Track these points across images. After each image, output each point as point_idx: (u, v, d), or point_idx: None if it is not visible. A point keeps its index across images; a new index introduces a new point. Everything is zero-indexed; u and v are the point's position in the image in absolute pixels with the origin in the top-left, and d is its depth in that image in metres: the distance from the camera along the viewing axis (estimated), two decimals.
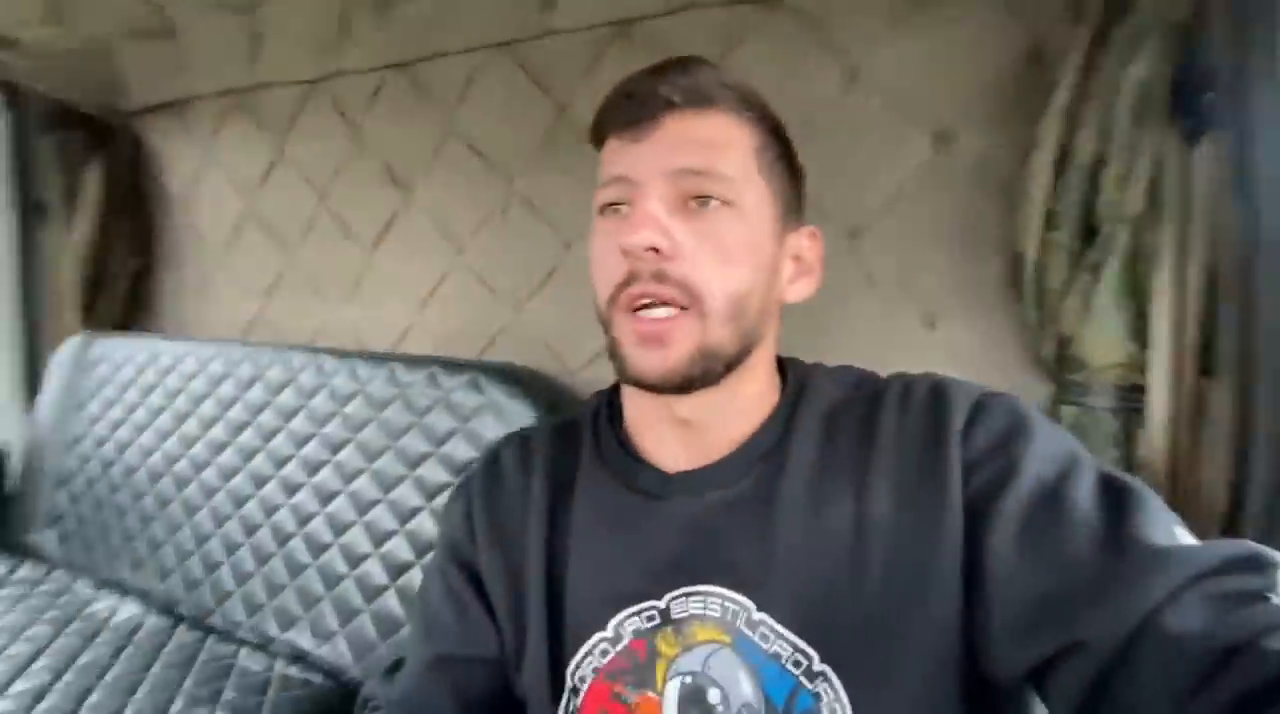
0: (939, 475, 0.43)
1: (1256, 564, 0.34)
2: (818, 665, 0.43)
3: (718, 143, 0.46)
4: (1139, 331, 0.67)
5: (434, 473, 0.93)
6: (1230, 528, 0.60)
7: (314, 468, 1.03)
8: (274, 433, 1.08)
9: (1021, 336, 0.78)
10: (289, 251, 1.34)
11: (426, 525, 0.93)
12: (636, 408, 0.53)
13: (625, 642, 0.48)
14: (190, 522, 1.13)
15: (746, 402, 0.50)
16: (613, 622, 0.48)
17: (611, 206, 0.47)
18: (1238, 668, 0.30)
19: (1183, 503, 0.65)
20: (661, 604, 0.47)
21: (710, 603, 0.46)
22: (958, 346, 0.83)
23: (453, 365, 0.97)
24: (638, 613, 0.48)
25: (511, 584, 0.53)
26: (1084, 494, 0.39)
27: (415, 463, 0.95)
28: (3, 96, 1.41)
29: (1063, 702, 0.37)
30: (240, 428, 1.12)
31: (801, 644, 0.44)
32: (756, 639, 0.45)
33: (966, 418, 0.45)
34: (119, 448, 1.25)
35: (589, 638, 0.49)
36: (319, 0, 1.06)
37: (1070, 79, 0.66)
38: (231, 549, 1.07)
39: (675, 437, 0.50)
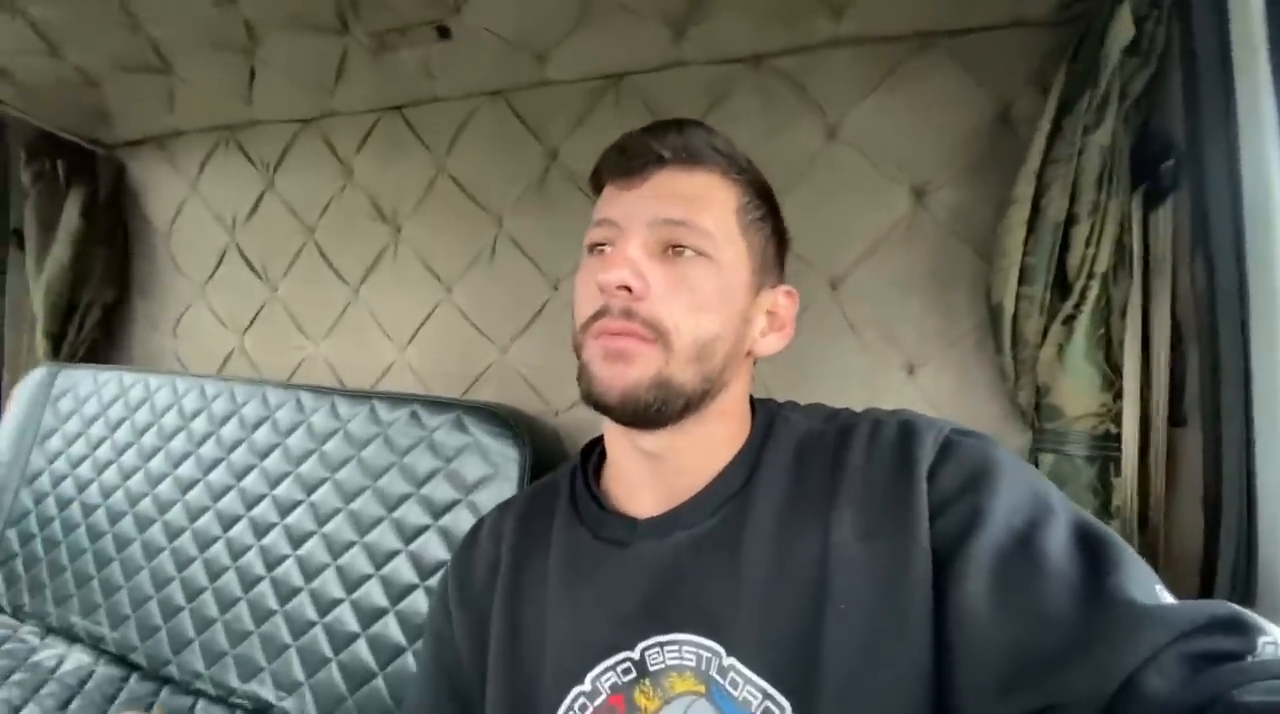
0: (905, 513, 0.43)
1: (1237, 626, 0.34)
2: None
3: (700, 199, 0.48)
4: (1112, 382, 0.69)
5: (413, 515, 0.91)
6: (1207, 576, 0.62)
7: (287, 508, 1.00)
8: (246, 471, 1.05)
9: (1000, 385, 0.80)
10: (271, 286, 1.33)
11: (403, 569, 0.90)
12: (611, 445, 0.54)
13: (604, 697, 0.47)
14: (150, 564, 1.08)
15: (714, 443, 0.51)
16: (590, 675, 0.48)
17: (597, 246, 0.50)
18: None
19: (1158, 551, 0.67)
20: (635, 654, 0.47)
21: (685, 652, 0.46)
22: (938, 393, 0.85)
23: (436, 404, 0.96)
24: (613, 666, 0.47)
25: (479, 649, 0.54)
26: (1057, 544, 0.39)
27: (394, 504, 0.93)
28: None
29: None
30: (211, 466, 1.08)
31: (771, 691, 0.42)
32: (728, 686, 0.44)
33: (934, 457, 0.44)
34: (79, 486, 1.20)
35: (568, 693, 0.48)
36: (317, 43, 1.08)
37: (1039, 143, 0.70)
38: (193, 594, 1.02)
39: (646, 476, 0.51)
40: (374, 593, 0.91)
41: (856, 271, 0.90)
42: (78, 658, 1.06)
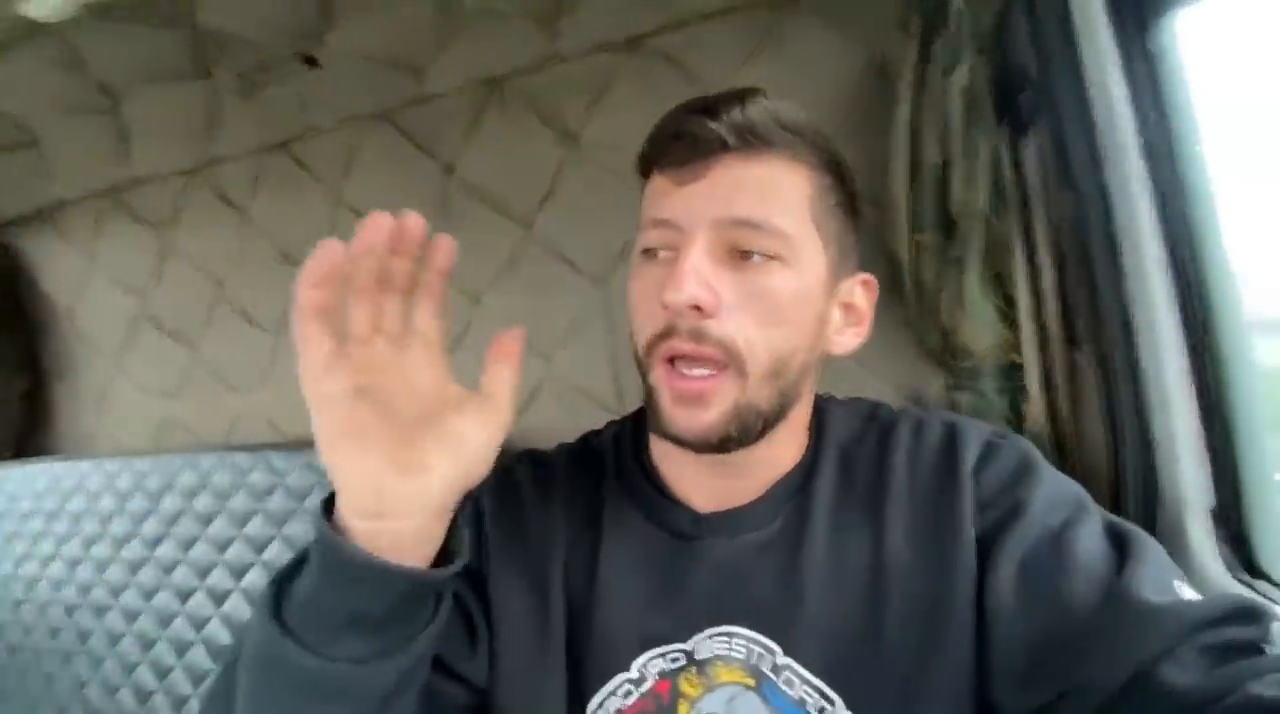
0: (953, 513, 0.44)
1: (1251, 616, 0.35)
2: (841, 712, 0.43)
3: (771, 191, 0.43)
4: (1007, 315, 0.71)
5: None
6: (1115, 488, 0.64)
7: (240, 571, 0.98)
8: (192, 541, 1.02)
9: (911, 332, 0.81)
10: (192, 347, 1.28)
11: None
12: (668, 451, 0.50)
13: (649, 683, 0.46)
14: (114, 651, 1.05)
15: (783, 450, 0.49)
16: (637, 663, 0.46)
17: (653, 251, 0.45)
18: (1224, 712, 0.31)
19: (1072, 469, 0.69)
20: (688, 646, 0.46)
21: (735, 644, 0.45)
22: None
23: None
24: (663, 654, 0.46)
25: (532, 609, 0.48)
26: (1088, 542, 0.40)
27: None
28: None
29: None
30: (156, 542, 1.05)
31: (827, 690, 0.43)
32: (781, 684, 0.44)
33: (978, 458, 0.46)
34: (27, 586, 1.16)
35: (612, 677, 0.46)
36: (181, 92, 1.03)
37: (906, 92, 0.71)
38: (162, 674, 1.01)
39: (709, 479, 0.49)
40: None
41: None
42: None
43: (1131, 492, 0.62)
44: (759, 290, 0.42)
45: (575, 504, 0.52)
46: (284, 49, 0.95)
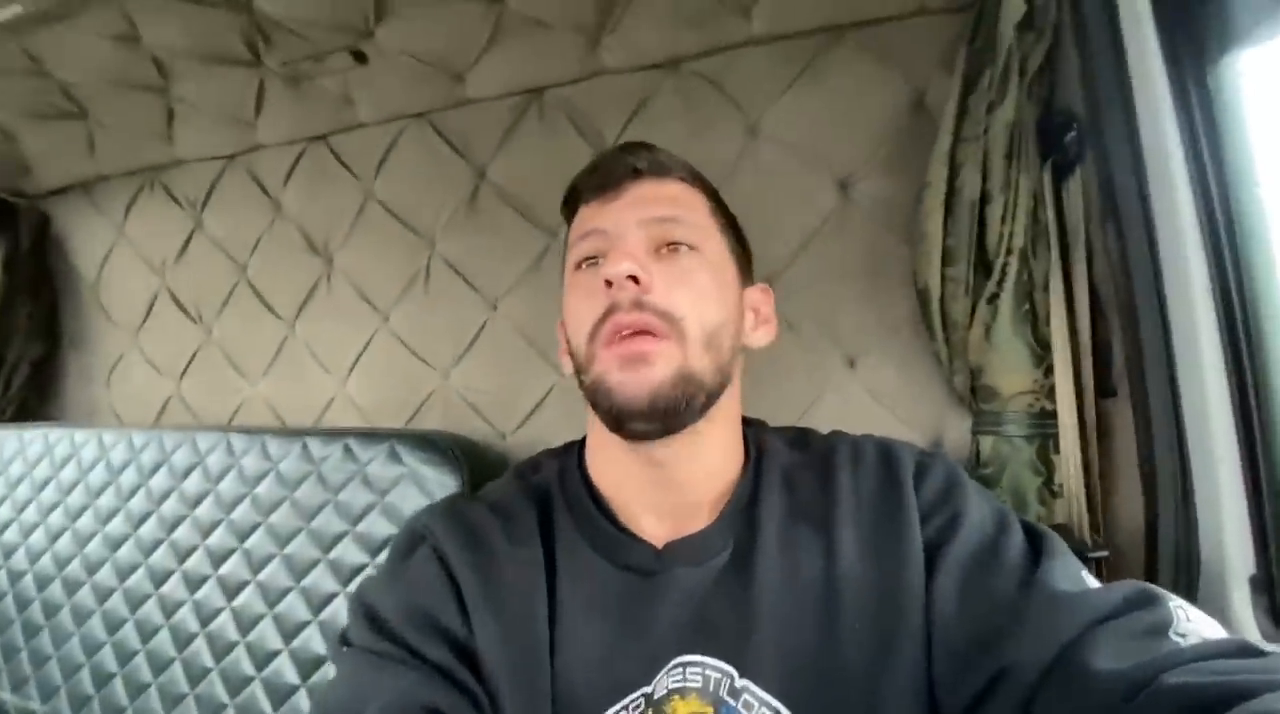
0: (899, 521, 0.46)
1: (1150, 600, 0.39)
2: None
3: (680, 198, 0.52)
4: (1041, 358, 0.68)
5: (350, 554, 0.87)
6: (1151, 544, 0.60)
7: (220, 558, 0.95)
8: (177, 522, 0.99)
9: (937, 371, 0.78)
10: (205, 328, 1.28)
11: (342, 614, 0.85)
12: (610, 467, 0.52)
13: None
14: (80, 630, 1.01)
15: (720, 454, 0.51)
16: None
17: (588, 260, 0.51)
18: (1142, 702, 0.33)
19: (1102, 524, 0.65)
20: (650, 688, 0.45)
21: (690, 673, 0.45)
22: (879, 385, 0.84)
23: (369, 436, 0.92)
24: (627, 705, 0.45)
25: (520, 662, 0.45)
26: (1015, 547, 0.44)
27: (330, 545, 0.88)
28: None
29: None
30: (140, 520, 1.02)
31: (784, 710, 0.43)
32: (740, 708, 0.44)
33: (914, 471, 0.49)
34: (5, 552, 1.13)
35: None
36: (231, 76, 1.06)
37: (948, 125, 0.70)
38: (125, 659, 0.96)
39: (650, 493, 0.50)
40: (313, 640, 0.86)
41: (790, 269, 0.89)
42: None
43: (1168, 555, 0.58)
44: (685, 272, 0.48)
45: (539, 545, 0.50)
46: (334, 42, 0.97)
